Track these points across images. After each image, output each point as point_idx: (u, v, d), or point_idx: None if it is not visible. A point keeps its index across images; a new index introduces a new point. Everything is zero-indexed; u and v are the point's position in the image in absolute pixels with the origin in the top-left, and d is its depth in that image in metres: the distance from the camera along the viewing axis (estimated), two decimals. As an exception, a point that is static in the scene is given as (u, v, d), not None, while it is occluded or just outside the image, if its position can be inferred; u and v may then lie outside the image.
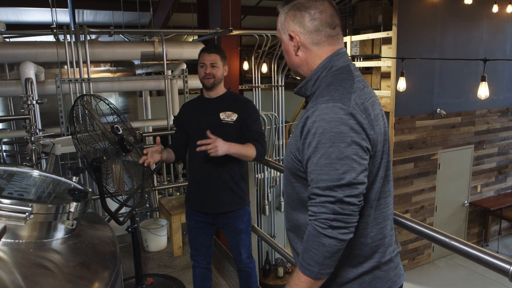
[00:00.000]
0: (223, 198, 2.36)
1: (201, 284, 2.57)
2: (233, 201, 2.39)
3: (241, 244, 2.49)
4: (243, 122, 2.32)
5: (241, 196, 2.42)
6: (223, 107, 2.35)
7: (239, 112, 2.33)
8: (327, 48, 1.26)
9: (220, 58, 2.35)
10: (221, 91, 2.42)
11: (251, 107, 2.38)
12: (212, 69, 2.33)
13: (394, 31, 6.23)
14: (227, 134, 2.26)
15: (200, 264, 2.54)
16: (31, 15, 8.20)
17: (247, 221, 2.50)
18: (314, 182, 1.13)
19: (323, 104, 1.14)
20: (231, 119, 2.32)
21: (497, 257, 1.24)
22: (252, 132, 2.32)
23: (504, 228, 8.13)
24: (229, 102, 2.38)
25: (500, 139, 7.86)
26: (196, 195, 2.43)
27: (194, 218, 2.47)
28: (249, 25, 8.59)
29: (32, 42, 4.06)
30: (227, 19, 4.96)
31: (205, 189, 2.37)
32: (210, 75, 2.33)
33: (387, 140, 1.25)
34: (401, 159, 6.69)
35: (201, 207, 2.42)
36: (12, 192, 1.37)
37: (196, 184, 2.42)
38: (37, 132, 2.77)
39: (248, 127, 2.32)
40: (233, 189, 2.38)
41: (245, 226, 2.48)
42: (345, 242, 1.12)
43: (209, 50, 2.36)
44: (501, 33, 7.35)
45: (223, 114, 2.33)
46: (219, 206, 2.38)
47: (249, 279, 2.59)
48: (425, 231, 1.50)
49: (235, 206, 2.40)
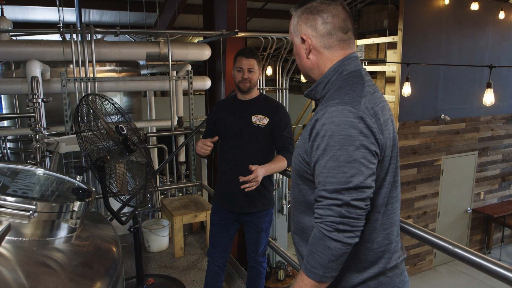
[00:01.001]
0: (251, 199, 2.41)
1: (212, 283, 2.59)
2: (260, 202, 2.44)
3: (260, 241, 2.54)
4: (274, 126, 2.36)
5: (267, 198, 2.48)
6: (256, 110, 2.39)
7: (271, 116, 2.37)
8: (338, 52, 1.26)
9: (257, 63, 2.40)
10: (254, 94, 2.46)
11: (283, 112, 2.42)
12: (249, 74, 2.37)
13: (400, 36, 6.23)
14: (258, 138, 2.34)
15: (216, 262, 2.56)
16: (38, 13, 8.24)
17: (269, 221, 2.56)
18: (322, 184, 1.13)
19: (333, 107, 1.13)
20: (262, 123, 2.36)
21: (500, 265, 1.24)
22: (282, 137, 2.36)
23: (507, 236, 8.08)
24: (262, 106, 2.41)
25: (504, 146, 7.83)
26: (225, 194, 2.47)
27: (219, 215, 2.52)
28: (254, 28, 8.60)
29: (39, 41, 4.08)
30: (232, 21, 4.97)
31: (234, 190, 2.39)
32: (247, 80, 2.36)
33: (396, 146, 1.25)
34: (404, 164, 6.67)
35: (227, 205, 2.47)
36: (17, 190, 1.38)
37: (226, 182, 2.46)
38: (41, 130, 2.78)
39: (278, 132, 2.37)
40: (261, 191, 2.42)
41: (266, 226, 2.54)
42: (350, 246, 1.12)
43: (247, 55, 2.38)
44: (507, 40, 7.32)
45: (255, 117, 2.36)
46: (246, 206, 2.42)
47: (258, 278, 2.62)
48: (428, 237, 1.49)
49: (260, 207, 2.45)
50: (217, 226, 2.53)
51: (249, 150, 2.37)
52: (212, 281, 2.59)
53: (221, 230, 2.53)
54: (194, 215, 3.60)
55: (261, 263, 2.60)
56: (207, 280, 2.61)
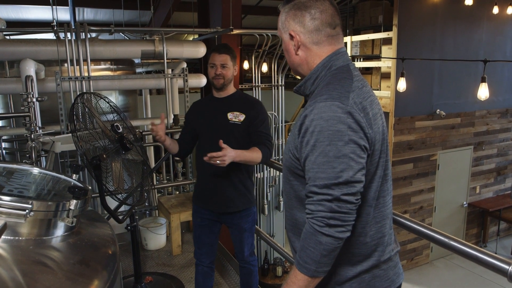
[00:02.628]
0: (230, 197, 2.37)
1: (203, 283, 2.58)
2: (239, 201, 2.40)
3: (244, 242, 2.51)
4: (251, 122, 2.32)
5: (247, 196, 2.43)
6: (232, 107, 2.36)
7: (247, 112, 2.33)
8: (327, 48, 1.26)
9: (230, 58, 2.35)
10: (230, 91, 2.42)
11: (260, 108, 2.38)
12: (223, 70, 2.32)
13: (395, 31, 6.24)
14: (234, 135, 2.30)
15: (203, 263, 2.54)
16: (31, 12, 8.19)
17: (252, 221, 2.51)
18: (312, 180, 1.13)
19: (322, 102, 1.14)
20: (239, 120, 2.32)
21: (496, 257, 1.25)
22: (258, 133, 2.32)
23: (503, 229, 8.14)
24: (238, 102, 2.38)
25: (500, 140, 7.87)
26: (203, 193, 2.44)
27: (200, 216, 2.49)
28: (249, 25, 8.59)
29: (33, 40, 4.05)
30: (227, 18, 4.96)
31: (212, 188, 2.38)
32: (220, 76, 2.33)
33: (385, 139, 1.26)
34: (401, 159, 6.69)
35: (207, 205, 2.44)
36: (12, 189, 1.37)
37: (204, 182, 2.44)
38: (37, 129, 2.76)
39: (255, 127, 2.32)
40: (240, 189, 2.39)
41: (249, 226, 2.50)
42: (342, 240, 1.12)
43: (220, 50, 2.34)
44: (501, 34, 7.35)
45: (231, 114, 2.33)
46: (226, 206, 2.39)
47: (250, 276, 2.60)
48: (425, 231, 1.50)
49: (241, 206, 2.41)
50: (200, 227, 2.50)
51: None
52: (203, 282, 2.58)
53: (205, 231, 2.50)
54: (191, 213, 3.60)
55: (250, 262, 2.58)
56: (198, 281, 2.59)
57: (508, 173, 8.17)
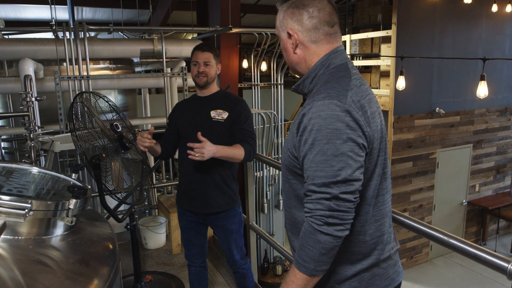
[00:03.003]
0: (213, 198, 2.33)
1: (198, 283, 2.56)
2: (223, 201, 2.35)
3: (233, 245, 2.44)
4: (234, 120, 2.29)
5: (231, 197, 2.38)
6: (215, 105, 2.32)
7: (230, 110, 2.30)
8: (325, 46, 1.26)
9: (213, 56, 2.32)
10: (214, 90, 2.38)
11: (243, 106, 2.34)
12: (206, 68, 2.30)
13: (394, 30, 6.23)
14: (218, 133, 2.26)
15: (195, 264, 2.52)
16: (30, 12, 8.18)
17: (239, 221, 2.45)
18: (310, 178, 1.13)
19: (320, 101, 1.14)
20: (222, 117, 2.28)
21: (495, 255, 1.25)
22: (242, 131, 2.28)
23: (502, 227, 8.14)
24: (221, 101, 2.34)
25: (499, 139, 7.87)
26: (187, 195, 2.39)
27: (186, 218, 2.45)
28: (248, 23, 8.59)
29: (31, 39, 4.05)
30: (226, 17, 4.95)
31: (196, 189, 2.34)
32: (203, 74, 2.30)
33: (384, 138, 1.25)
34: (400, 158, 6.70)
35: (191, 207, 2.39)
36: (11, 188, 1.37)
37: (187, 183, 2.39)
38: (36, 129, 2.76)
39: (238, 125, 2.29)
40: (223, 189, 2.34)
41: (236, 227, 2.43)
42: (340, 239, 1.12)
43: (202, 48, 2.32)
44: (500, 33, 7.35)
45: (214, 112, 2.29)
46: (209, 206, 2.34)
47: (244, 280, 2.56)
48: (424, 229, 1.50)
49: (225, 207, 2.36)
50: (188, 230, 2.47)
51: None
52: (198, 281, 2.56)
53: (193, 233, 2.47)
54: (191, 212, 3.60)
55: (242, 266, 2.52)
56: (193, 282, 2.58)
57: (507, 171, 8.18)
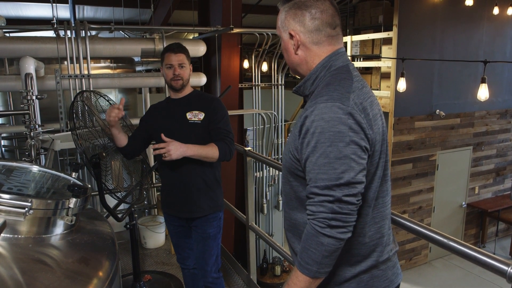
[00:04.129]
0: (197, 202, 2.26)
1: (193, 285, 2.55)
2: (207, 205, 2.28)
3: (208, 253, 2.31)
4: (210, 120, 2.23)
5: (214, 200, 2.31)
6: (190, 106, 2.25)
7: (206, 110, 2.23)
8: (326, 48, 1.26)
9: (186, 57, 2.26)
10: (188, 91, 2.31)
11: (217, 104, 2.27)
12: (181, 70, 2.22)
13: (395, 31, 6.24)
14: (196, 134, 2.20)
15: (188, 266, 2.50)
16: (31, 10, 8.18)
17: (217, 226, 2.34)
18: (313, 181, 1.13)
19: (322, 103, 1.14)
20: (198, 119, 2.22)
21: (495, 258, 1.25)
22: (217, 130, 2.21)
23: (501, 230, 8.14)
24: (196, 101, 2.28)
25: (499, 141, 7.88)
26: (170, 200, 2.34)
27: (172, 223, 2.40)
28: (250, 24, 8.58)
29: (32, 38, 4.05)
30: (228, 17, 4.95)
31: (178, 194, 2.28)
32: (179, 77, 2.22)
33: (385, 140, 1.26)
34: (400, 159, 6.70)
35: (175, 212, 2.34)
36: (12, 187, 1.37)
37: (169, 189, 2.33)
38: (36, 127, 2.76)
39: (214, 124, 2.22)
40: (206, 193, 2.27)
41: (214, 232, 2.32)
42: (343, 241, 1.12)
43: (175, 50, 2.23)
44: (501, 35, 7.35)
45: (190, 114, 2.23)
46: (193, 211, 2.27)
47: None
48: (424, 231, 1.50)
49: (208, 211, 2.29)
50: (176, 235, 2.42)
51: None
52: (192, 284, 2.54)
53: (181, 237, 2.42)
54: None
55: (215, 280, 2.36)
56: (188, 284, 2.56)
57: (507, 174, 8.18)
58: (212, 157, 2.15)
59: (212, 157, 2.15)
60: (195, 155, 2.10)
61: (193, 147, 2.09)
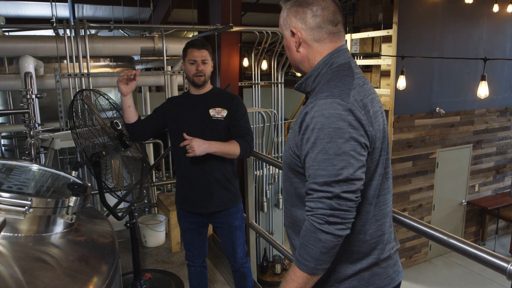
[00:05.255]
0: (217, 196, 2.30)
1: (197, 283, 2.56)
2: (227, 198, 2.33)
3: (237, 242, 2.42)
4: (232, 117, 2.27)
5: (234, 193, 2.37)
6: (212, 103, 2.28)
7: (228, 107, 2.28)
8: (328, 45, 1.26)
9: (209, 54, 2.29)
10: (208, 87, 2.35)
11: (238, 102, 2.32)
12: (204, 66, 2.25)
13: (395, 29, 6.23)
14: (218, 131, 2.25)
15: (195, 263, 2.51)
16: (30, 9, 8.17)
17: (241, 218, 2.44)
18: (312, 177, 1.13)
19: (322, 100, 1.14)
20: (221, 116, 2.26)
21: (495, 255, 1.25)
22: (238, 127, 2.26)
23: (501, 228, 8.15)
24: (217, 98, 2.31)
25: (499, 139, 7.87)
26: (188, 196, 2.35)
27: (187, 220, 2.41)
28: (249, 22, 8.57)
29: (32, 36, 4.05)
30: (227, 15, 4.95)
31: (198, 189, 2.30)
32: (202, 73, 2.25)
33: (386, 137, 1.25)
34: (400, 157, 6.69)
35: (194, 208, 2.35)
36: (11, 186, 1.37)
37: (187, 184, 2.34)
38: (36, 126, 2.76)
39: (235, 122, 2.27)
40: (226, 186, 2.33)
41: (239, 223, 2.42)
42: (341, 238, 1.12)
43: (198, 46, 2.26)
44: (501, 33, 7.34)
45: (213, 111, 2.26)
46: (214, 205, 2.31)
47: (244, 280, 2.54)
48: (424, 229, 1.50)
49: (229, 204, 2.35)
50: (189, 232, 2.44)
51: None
52: (197, 282, 2.55)
53: (194, 234, 2.44)
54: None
55: (244, 265, 2.50)
56: (192, 282, 2.56)
57: (507, 172, 8.18)
58: (234, 153, 2.20)
59: (233, 153, 2.20)
60: (218, 152, 2.15)
61: (216, 144, 2.13)
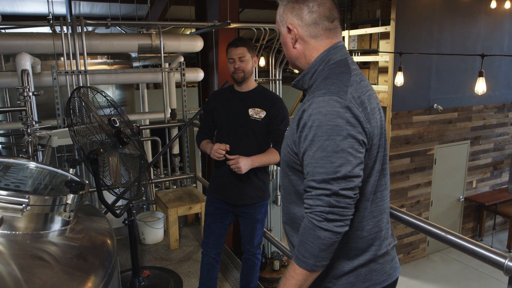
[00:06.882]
0: (247, 191, 2.40)
1: (207, 274, 2.58)
2: (255, 194, 2.43)
3: (256, 233, 2.53)
4: (271, 120, 2.34)
5: (263, 190, 2.47)
6: (253, 103, 2.36)
7: (268, 109, 2.34)
8: (324, 41, 1.25)
9: (247, 50, 2.33)
10: (252, 85, 2.41)
11: (280, 106, 2.38)
12: (241, 63, 2.31)
13: (392, 26, 6.22)
14: (254, 131, 2.32)
15: (209, 253, 2.55)
16: (27, 6, 8.12)
17: (265, 212, 2.55)
18: (310, 175, 1.13)
19: (320, 97, 1.14)
20: (259, 116, 2.33)
21: (492, 250, 1.26)
22: (277, 131, 2.33)
23: (499, 223, 8.18)
24: (259, 98, 2.37)
25: (496, 135, 7.89)
26: (220, 186, 2.46)
27: (214, 205, 2.51)
28: (247, 19, 8.55)
29: (28, 34, 4.02)
30: (225, 12, 4.94)
31: (230, 181, 2.40)
32: (240, 69, 2.31)
33: (383, 134, 1.26)
34: (398, 154, 6.71)
35: (223, 197, 2.46)
36: (9, 183, 1.37)
37: (221, 174, 2.44)
38: (33, 124, 2.75)
39: (275, 125, 2.34)
40: (256, 183, 2.42)
41: (261, 217, 2.53)
42: (340, 234, 1.13)
43: (236, 44, 2.32)
44: (499, 29, 7.34)
45: (252, 111, 2.33)
46: (242, 199, 2.42)
47: (252, 270, 2.61)
48: (422, 225, 1.51)
49: (256, 199, 2.44)
50: (212, 216, 2.52)
51: (245, 142, 2.35)
52: (207, 273, 2.58)
53: (216, 220, 2.51)
54: (188, 207, 3.61)
55: (256, 255, 2.59)
56: (203, 272, 2.60)
57: (505, 168, 8.21)
58: (274, 162, 2.33)
59: (274, 162, 2.33)
60: (261, 165, 2.30)
61: (257, 159, 2.27)
